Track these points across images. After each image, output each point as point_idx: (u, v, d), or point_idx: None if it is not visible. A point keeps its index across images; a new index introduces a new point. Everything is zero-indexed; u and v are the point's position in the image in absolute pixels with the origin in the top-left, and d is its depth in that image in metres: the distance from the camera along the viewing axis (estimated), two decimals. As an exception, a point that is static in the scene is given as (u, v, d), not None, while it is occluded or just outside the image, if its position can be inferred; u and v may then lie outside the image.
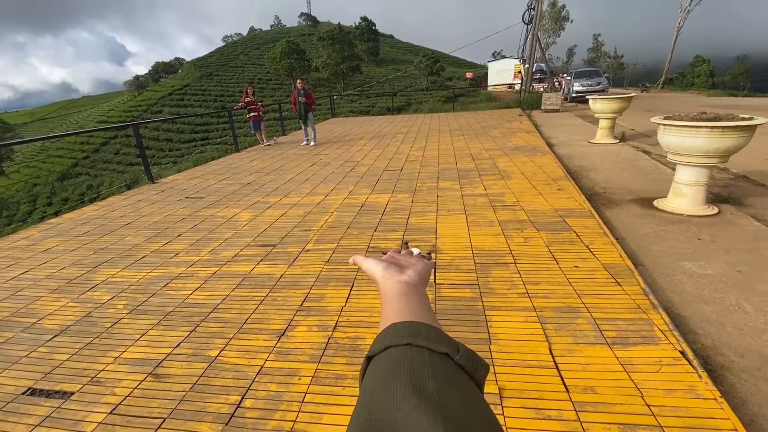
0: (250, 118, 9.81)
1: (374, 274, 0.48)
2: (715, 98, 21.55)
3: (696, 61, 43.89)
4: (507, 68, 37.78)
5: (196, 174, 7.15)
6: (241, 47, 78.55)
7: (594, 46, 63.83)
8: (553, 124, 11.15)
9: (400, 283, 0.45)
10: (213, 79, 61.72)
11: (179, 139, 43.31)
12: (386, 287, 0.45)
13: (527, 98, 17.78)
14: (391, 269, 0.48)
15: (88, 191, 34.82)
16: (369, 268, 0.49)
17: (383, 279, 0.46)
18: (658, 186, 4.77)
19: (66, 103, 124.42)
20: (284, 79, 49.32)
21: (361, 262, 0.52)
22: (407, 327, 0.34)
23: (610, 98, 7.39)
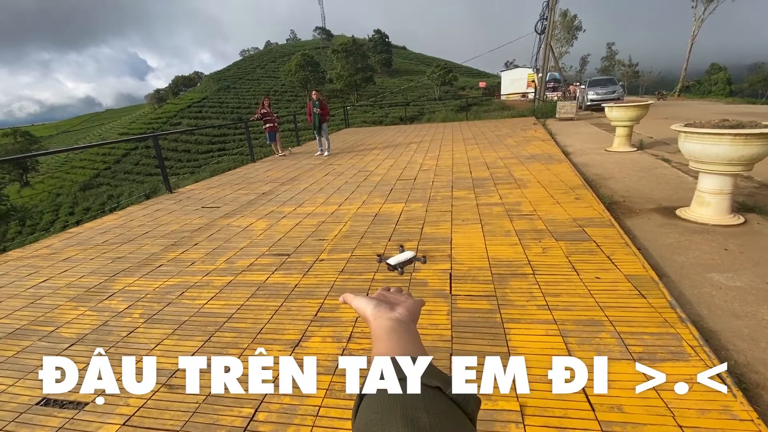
0: (265, 129, 9.98)
1: (365, 312, 0.49)
2: (733, 106, 21.02)
3: (712, 69, 43.06)
4: (520, 77, 37.70)
5: (213, 184, 7.27)
6: (257, 61, 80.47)
7: (608, 54, 63.25)
8: (569, 132, 11.01)
9: (391, 320, 0.46)
10: (230, 91, 63.24)
11: (197, 150, 44.33)
12: (377, 325, 0.46)
13: (541, 107, 17.65)
14: (382, 307, 0.49)
15: (109, 201, 35.78)
16: (360, 306, 0.50)
17: (374, 317, 0.47)
18: (680, 195, 4.63)
19: (90, 116, 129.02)
20: (299, 91, 50.19)
21: (351, 300, 0.53)
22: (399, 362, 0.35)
23: (627, 106, 7.26)
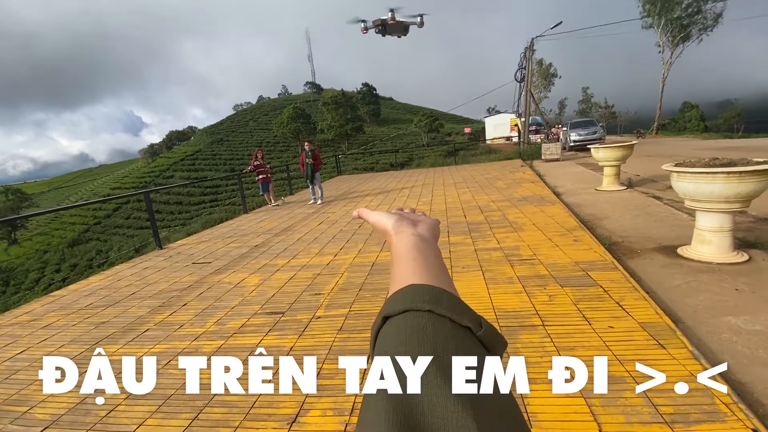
0: (258, 180, 10.06)
1: (385, 226, 0.46)
2: (712, 141, 21.98)
3: (684, 107, 45.59)
4: (503, 122, 39.26)
5: (204, 238, 7.13)
6: (250, 114, 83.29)
7: (584, 97, 66.90)
8: (557, 173, 11.25)
9: (415, 236, 0.42)
10: (223, 144, 64.73)
11: (189, 202, 44.40)
12: (399, 240, 0.42)
13: (527, 149, 18.23)
14: (404, 222, 0.45)
15: (97, 256, 35.00)
16: (379, 220, 0.47)
17: (396, 231, 0.44)
18: (677, 233, 4.61)
19: (83, 171, 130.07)
20: (291, 142, 51.56)
21: (368, 215, 0.50)
22: (428, 291, 0.32)
23: (612, 147, 7.48)
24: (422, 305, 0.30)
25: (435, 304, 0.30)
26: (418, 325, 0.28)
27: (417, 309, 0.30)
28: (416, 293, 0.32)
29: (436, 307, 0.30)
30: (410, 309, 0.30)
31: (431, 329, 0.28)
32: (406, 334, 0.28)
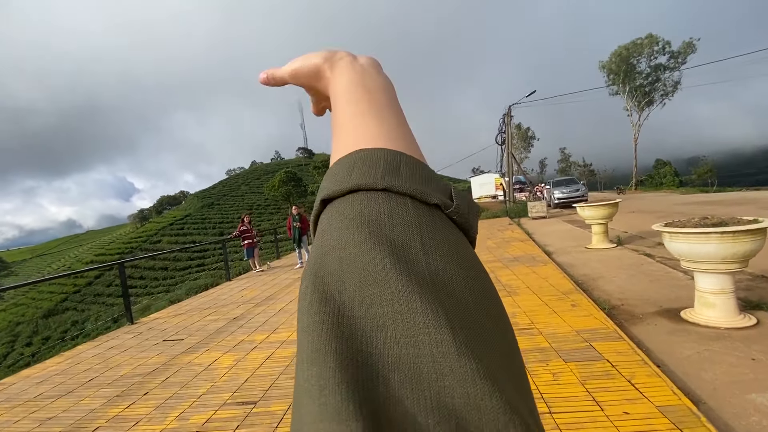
0: (244, 245, 9.89)
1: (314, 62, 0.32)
2: (690, 196, 22.74)
3: (658, 163, 48.13)
4: (488, 182, 40.55)
5: (181, 309, 6.69)
6: (242, 179, 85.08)
7: (562, 157, 70.41)
8: (545, 231, 11.27)
9: (358, 67, 0.31)
10: (214, 208, 65.10)
11: (175, 267, 43.32)
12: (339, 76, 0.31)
13: (513, 207, 18.54)
14: (340, 51, 0.33)
15: (72, 328, 33.06)
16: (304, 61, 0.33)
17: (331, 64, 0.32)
18: (676, 293, 4.43)
19: (69, 238, 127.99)
20: (281, 204, 52.10)
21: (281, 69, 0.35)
22: (381, 158, 0.24)
23: (598, 205, 7.55)
24: (374, 181, 0.22)
25: (391, 178, 0.22)
26: (369, 212, 0.21)
27: (367, 188, 0.22)
28: (365, 163, 0.23)
29: (393, 181, 0.22)
30: (358, 188, 0.22)
31: (387, 215, 0.21)
32: (353, 228, 0.20)
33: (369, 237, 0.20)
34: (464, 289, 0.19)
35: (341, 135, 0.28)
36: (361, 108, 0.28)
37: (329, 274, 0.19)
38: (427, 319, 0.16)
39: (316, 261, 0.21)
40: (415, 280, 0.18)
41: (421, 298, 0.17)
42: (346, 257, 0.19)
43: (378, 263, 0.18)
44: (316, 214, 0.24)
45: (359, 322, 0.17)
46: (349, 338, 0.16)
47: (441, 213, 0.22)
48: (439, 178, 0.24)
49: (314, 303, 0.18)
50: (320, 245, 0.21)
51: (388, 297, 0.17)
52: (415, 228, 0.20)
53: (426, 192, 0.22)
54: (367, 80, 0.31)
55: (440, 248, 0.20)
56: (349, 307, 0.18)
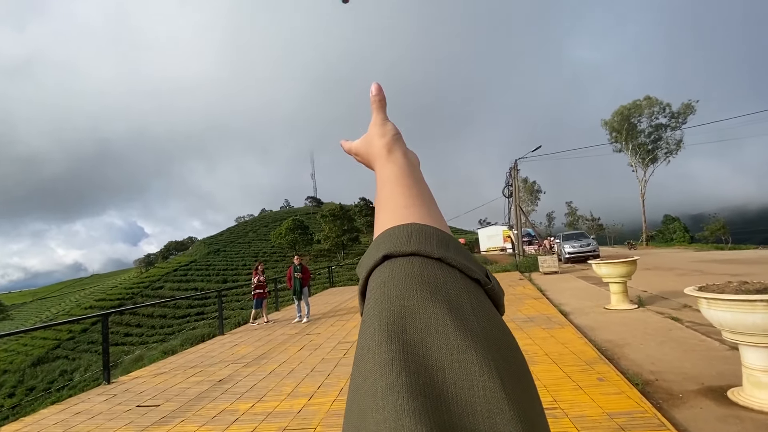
0: (254, 295, 9.59)
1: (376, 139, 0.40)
2: (705, 252, 22.05)
3: (666, 219, 47.63)
4: (496, 234, 40.22)
5: (165, 367, 6.16)
6: (250, 226, 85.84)
7: (569, 211, 70.33)
8: (558, 287, 10.71)
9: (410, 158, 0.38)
10: (219, 254, 64.95)
11: (174, 315, 42.26)
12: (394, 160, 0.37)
13: (523, 261, 18.00)
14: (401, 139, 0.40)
15: (60, 378, 31.62)
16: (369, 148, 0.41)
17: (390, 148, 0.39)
18: (717, 367, 3.89)
19: (72, 281, 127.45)
20: (287, 252, 51.82)
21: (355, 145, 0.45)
22: (435, 234, 0.27)
23: (616, 263, 7.12)
24: (431, 250, 0.25)
25: (444, 250, 0.26)
26: (429, 275, 0.24)
27: (426, 254, 0.25)
28: (422, 234, 0.27)
29: (446, 253, 0.25)
30: (418, 252, 0.25)
31: (443, 280, 0.24)
32: (416, 285, 0.23)
33: (431, 295, 0.22)
34: (506, 347, 0.22)
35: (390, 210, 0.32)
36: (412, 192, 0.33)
37: (393, 316, 0.22)
38: (481, 369, 0.19)
39: (381, 306, 0.23)
40: (471, 336, 0.20)
41: (476, 352, 0.20)
42: (409, 307, 0.22)
43: (439, 317, 0.21)
44: (374, 265, 0.26)
45: (422, 361, 0.19)
46: (416, 373, 0.19)
47: (481, 288, 0.26)
48: (476, 260, 0.27)
49: (382, 342, 0.20)
50: (385, 293, 0.23)
51: (447, 346, 0.20)
52: (465, 294, 0.23)
53: (471, 268, 0.26)
54: (415, 171, 0.36)
55: (484, 312, 0.23)
56: (411, 345, 0.20)
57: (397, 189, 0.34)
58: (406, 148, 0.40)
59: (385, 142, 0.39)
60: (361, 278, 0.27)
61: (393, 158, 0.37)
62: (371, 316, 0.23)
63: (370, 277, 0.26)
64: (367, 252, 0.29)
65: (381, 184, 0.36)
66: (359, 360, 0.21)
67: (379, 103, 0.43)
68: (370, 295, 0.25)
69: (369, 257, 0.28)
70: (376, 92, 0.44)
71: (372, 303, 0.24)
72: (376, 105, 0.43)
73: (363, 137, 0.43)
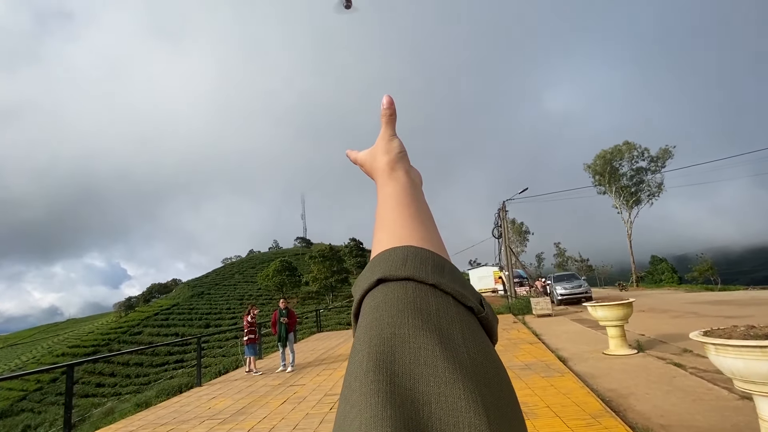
0: (246, 341, 8.96)
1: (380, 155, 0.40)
2: (696, 294, 22.04)
3: (654, 260, 48.06)
4: (487, 275, 39.91)
5: (134, 424, 5.59)
6: (237, 267, 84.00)
7: (558, 252, 70.72)
8: (554, 331, 10.39)
9: (413, 178, 0.38)
10: (203, 297, 62.83)
11: (151, 363, 39.91)
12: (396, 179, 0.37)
13: (516, 303, 17.66)
14: (406, 157, 0.40)
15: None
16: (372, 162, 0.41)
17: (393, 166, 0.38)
18: (731, 419, 3.64)
19: (47, 326, 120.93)
20: (274, 294, 50.38)
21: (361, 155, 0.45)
22: (431, 259, 0.27)
23: (611, 305, 6.94)
24: (426, 276, 0.25)
25: (439, 276, 0.26)
26: (421, 302, 0.24)
27: (420, 280, 0.25)
28: (418, 258, 0.27)
29: (440, 279, 0.25)
30: (412, 277, 0.25)
31: (435, 308, 0.24)
32: (408, 312, 0.23)
33: (422, 323, 0.22)
34: (495, 381, 0.21)
35: (388, 230, 0.32)
36: (411, 212, 0.33)
37: (383, 344, 0.21)
38: (468, 404, 0.19)
39: (372, 332, 0.22)
40: (459, 369, 0.20)
41: (464, 386, 0.19)
42: (400, 335, 0.22)
43: (428, 347, 0.21)
44: (368, 288, 0.26)
45: (408, 393, 0.19)
46: (401, 406, 0.18)
47: (474, 316, 0.25)
48: (471, 286, 0.27)
49: (370, 371, 0.20)
50: (377, 318, 0.23)
51: (435, 378, 0.19)
52: (457, 323, 0.23)
53: (465, 295, 0.25)
54: (416, 191, 0.36)
55: (475, 343, 0.23)
56: (399, 376, 0.20)
57: (397, 208, 0.33)
58: (410, 166, 0.39)
59: (388, 159, 0.39)
60: (356, 300, 0.27)
61: (395, 176, 0.37)
62: (362, 341, 0.22)
63: (364, 300, 0.26)
64: (363, 273, 0.28)
65: (381, 201, 0.36)
66: (347, 387, 0.21)
67: (389, 118, 0.42)
68: (363, 320, 0.25)
69: (364, 279, 0.27)
70: (387, 105, 0.43)
71: (363, 328, 0.23)
72: (385, 119, 0.42)
73: (369, 149, 0.43)
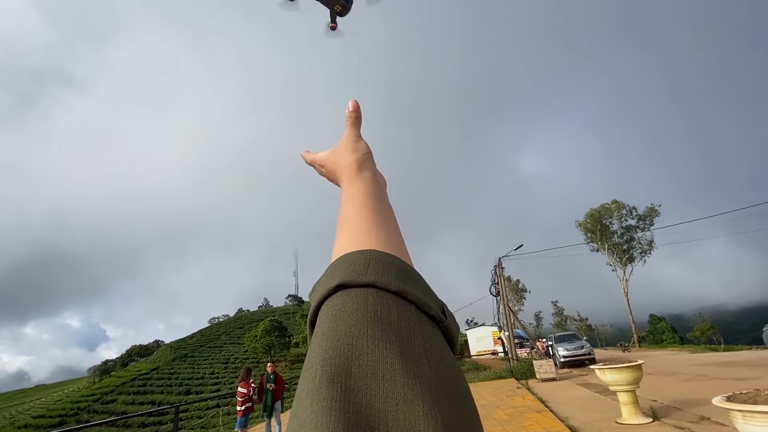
0: (240, 411, 7.90)
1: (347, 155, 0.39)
2: (701, 355, 21.29)
3: (653, 319, 47.11)
4: (486, 335, 38.58)
5: None
6: (224, 327, 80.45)
7: (556, 311, 69.22)
8: (560, 397, 9.76)
9: (378, 179, 0.37)
10: (186, 360, 59.30)
11: (122, 436, 36.40)
12: (363, 179, 0.35)
13: (518, 366, 16.84)
14: (371, 158, 0.39)
15: None
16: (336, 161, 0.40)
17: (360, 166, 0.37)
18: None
19: (12, 393, 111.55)
20: (261, 357, 47.69)
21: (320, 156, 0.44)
22: (394, 265, 0.26)
23: (620, 368, 6.59)
24: (389, 282, 0.24)
25: (402, 284, 0.24)
26: (382, 310, 0.23)
27: (382, 287, 0.24)
28: (380, 264, 0.25)
29: (404, 287, 0.24)
30: (374, 284, 0.24)
31: (396, 317, 0.22)
32: (367, 322, 0.22)
33: (382, 334, 0.21)
34: (456, 395, 0.21)
35: (350, 232, 0.30)
36: (375, 215, 0.31)
37: (339, 356, 0.20)
38: (427, 422, 0.18)
39: (328, 342, 0.21)
40: (419, 383, 0.19)
41: (423, 402, 0.18)
42: (358, 346, 0.20)
43: (387, 360, 0.20)
44: (327, 294, 0.25)
45: (364, 411, 0.18)
46: (356, 425, 0.18)
47: (436, 325, 0.24)
48: (434, 294, 0.27)
49: (323, 386, 0.19)
50: (333, 328, 0.22)
51: (393, 395, 0.18)
52: (419, 333, 0.22)
53: (427, 304, 0.24)
54: (382, 194, 0.35)
55: (437, 354, 0.22)
56: (354, 392, 0.18)
57: (362, 210, 0.32)
58: (376, 169, 0.38)
59: (356, 158, 0.38)
60: (312, 307, 0.26)
61: (362, 176, 0.36)
62: (316, 353, 0.21)
63: (322, 307, 0.25)
64: (321, 278, 0.27)
65: (345, 202, 0.34)
66: (297, 403, 0.19)
67: (354, 120, 0.42)
68: (318, 329, 0.23)
69: (322, 285, 0.26)
70: (353, 109, 0.43)
71: (319, 338, 0.22)
72: (351, 121, 0.42)
73: (331, 150, 0.42)
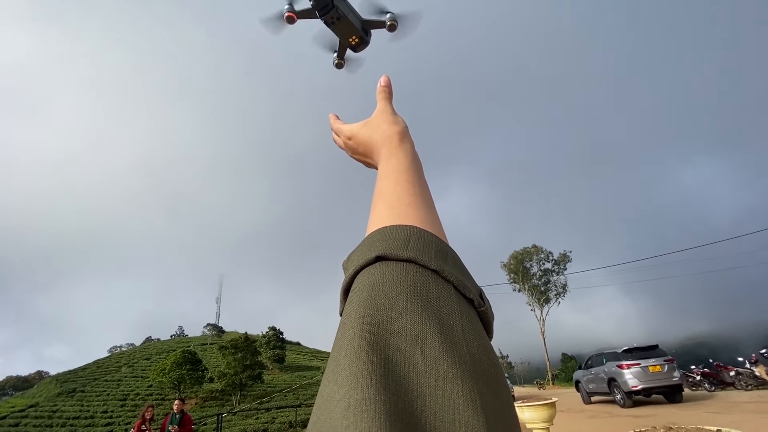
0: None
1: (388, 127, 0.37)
2: (604, 393, 23.11)
3: (564, 357, 50.93)
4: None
5: None
6: (126, 358, 70.88)
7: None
8: None
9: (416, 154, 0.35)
10: (74, 396, 50.70)
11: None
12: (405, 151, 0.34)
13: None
14: (405, 130, 0.37)
15: None
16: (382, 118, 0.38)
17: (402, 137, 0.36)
18: None
19: None
20: (168, 393, 42.45)
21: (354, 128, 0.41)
22: (435, 242, 0.25)
23: (537, 405, 6.87)
24: (429, 260, 0.24)
25: (441, 263, 0.24)
26: (422, 287, 0.22)
27: (423, 264, 0.24)
28: (421, 240, 0.25)
29: (443, 266, 0.24)
30: (414, 260, 0.24)
31: (436, 295, 0.22)
32: (407, 296, 0.21)
33: (421, 310, 0.21)
34: (494, 380, 0.20)
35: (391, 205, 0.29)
36: (416, 190, 0.31)
37: (378, 325, 0.20)
38: (466, 403, 0.18)
39: (366, 310, 0.21)
40: (458, 364, 0.19)
41: (463, 382, 0.18)
42: (397, 320, 0.20)
43: (427, 337, 0.19)
44: (364, 264, 0.24)
45: (402, 382, 0.18)
46: (395, 393, 0.17)
47: (473, 308, 0.24)
48: (472, 277, 0.26)
49: (362, 351, 0.19)
50: (372, 297, 0.21)
51: (431, 371, 0.18)
52: (457, 314, 0.22)
53: (466, 286, 0.24)
54: (421, 169, 0.33)
55: (476, 337, 0.22)
56: (393, 364, 0.18)
57: (402, 184, 0.31)
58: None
59: (398, 129, 0.37)
60: (348, 275, 0.25)
61: (404, 148, 0.35)
62: (353, 318, 0.20)
63: (358, 276, 0.24)
64: (359, 247, 0.26)
65: (384, 175, 0.33)
66: (334, 364, 0.19)
67: (388, 94, 0.42)
68: (355, 296, 0.22)
69: (360, 254, 0.25)
70: (385, 83, 0.42)
71: (356, 304, 0.21)
72: (384, 95, 0.41)
73: (364, 122, 0.40)
